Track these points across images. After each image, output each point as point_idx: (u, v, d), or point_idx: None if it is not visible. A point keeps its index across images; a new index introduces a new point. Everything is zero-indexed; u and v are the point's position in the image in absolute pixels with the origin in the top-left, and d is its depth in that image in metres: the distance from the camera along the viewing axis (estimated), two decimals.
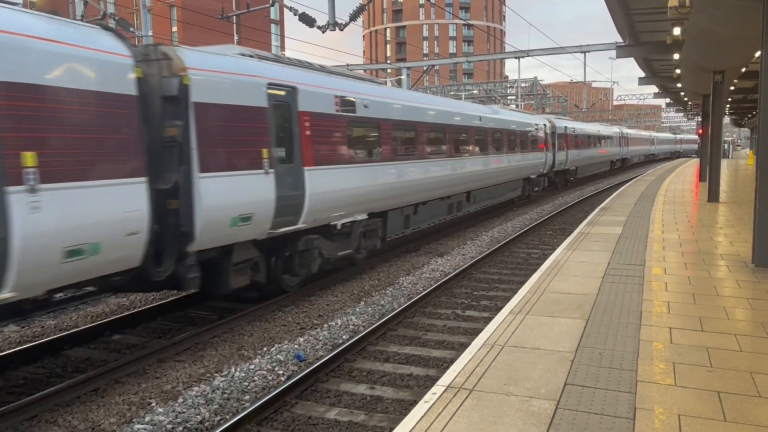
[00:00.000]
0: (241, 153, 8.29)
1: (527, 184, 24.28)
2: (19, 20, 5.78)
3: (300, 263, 10.12)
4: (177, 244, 7.55)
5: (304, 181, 9.54)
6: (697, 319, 6.21)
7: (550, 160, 26.79)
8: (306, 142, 9.63)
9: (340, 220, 10.83)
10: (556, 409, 4.20)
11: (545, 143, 25.57)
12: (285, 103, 9.28)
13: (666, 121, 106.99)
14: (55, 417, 5.96)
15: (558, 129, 28.17)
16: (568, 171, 31.78)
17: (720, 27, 11.50)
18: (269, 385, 6.68)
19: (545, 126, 25.80)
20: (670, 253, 9.76)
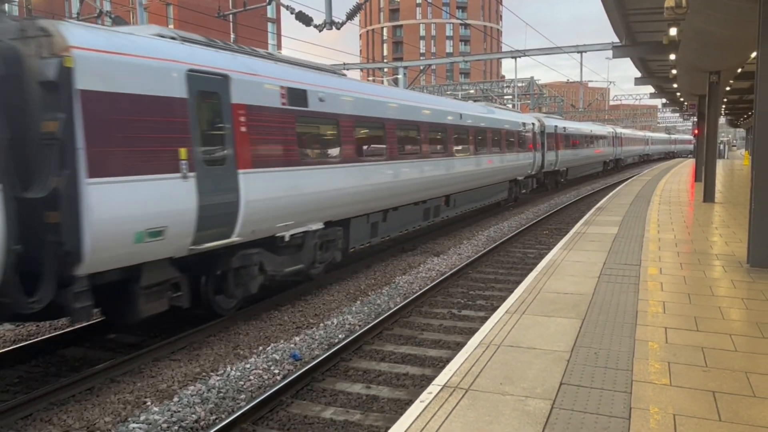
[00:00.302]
0: (149, 153, 6.84)
1: (514, 186, 23.05)
2: None
3: (235, 283, 8.74)
4: (58, 267, 6.18)
5: (238, 186, 8.12)
6: (692, 319, 6.23)
7: (539, 161, 25.68)
8: (242, 140, 8.23)
9: (289, 231, 9.44)
10: (552, 408, 4.21)
11: (533, 143, 24.36)
12: (213, 93, 7.91)
13: (662, 121, 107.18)
14: (50, 416, 5.94)
15: (548, 128, 27.19)
16: (558, 172, 30.67)
17: (716, 27, 11.53)
18: (265, 384, 6.67)
19: (534, 125, 24.67)
20: (666, 253, 9.78)
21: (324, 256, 10.77)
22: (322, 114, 10.24)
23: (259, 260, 9.01)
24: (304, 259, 10.08)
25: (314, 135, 10.08)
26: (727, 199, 18.23)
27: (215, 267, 8.36)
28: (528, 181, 25.05)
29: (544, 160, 26.62)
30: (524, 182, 24.44)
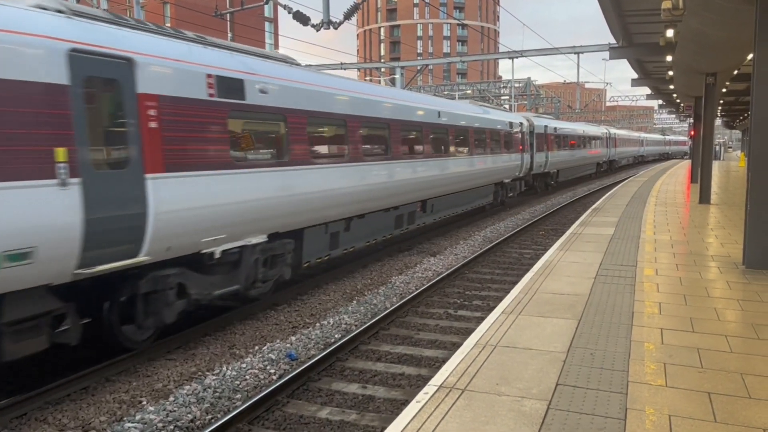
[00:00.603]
0: (7, 154, 5.43)
1: (500, 190, 21.71)
2: None
3: (145, 311, 7.32)
4: None
5: (146, 194, 6.76)
6: (688, 320, 6.24)
7: (528, 163, 24.48)
8: (151, 138, 6.83)
9: (220, 246, 7.96)
10: (548, 409, 4.21)
11: (522, 144, 23.23)
12: (111, 80, 6.51)
13: (658, 122, 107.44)
14: (45, 415, 5.92)
15: (537, 128, 25.96)
16: (549, 174, 29.30)
17: (713, 29, 11.56)
18: (261, 384, 6.67)
19: (522, 125, 23.45)
20: (662, 254, 9.81)
21: (269, 273, 9.28)
22: (265, 108, 8.81)
23: (179, 282, 7.62)
24: (241, 279, 8.61)
25: (254, 133, 8.73)
26: (723, 201, 18.29)
27: (119, 292, 7.05)
28: (515, 184, 23.88)
29: (533, 162, 25.45)
30: (511, 185, 23.19)
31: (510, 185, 23.09)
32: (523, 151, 23.53)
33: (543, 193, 30.12)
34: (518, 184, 24.34)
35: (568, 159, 32.22)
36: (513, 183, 23.47)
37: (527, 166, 24.40)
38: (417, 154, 13.94)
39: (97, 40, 6.45)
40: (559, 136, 30.03)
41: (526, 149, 24.17)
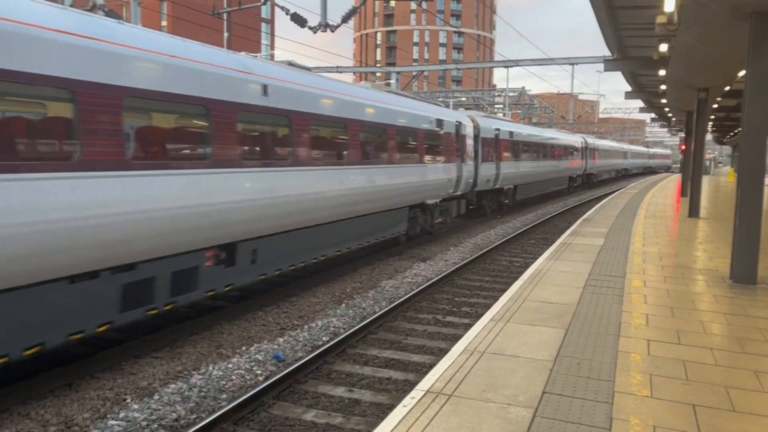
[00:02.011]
0: None
1: (420, 215, 15.72)
2: None
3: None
4: None
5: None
6: (674, 332, 6.28)
7: (469, 176, 18.62)
8: None
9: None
10: (534, 417, 4.22)
11: (459, 151, 17.57)
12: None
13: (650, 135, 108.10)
14: (28, 410, 5.86)
15: (484, 131, 20.45)
16: (502, 191, 23.57)
17: (706, 45, 11.68)
18: (247, 384, 6.64)
19: (460, 125, 17.63)
20: (650, 266, 9.86)
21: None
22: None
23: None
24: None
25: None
26: (712, 215, 18.43)
27: None
28: (450, 205, 17.86)
29: (478, 176, 19.80)
30: (443, 207, 17.28)
31: (439, 207, 16.92)
32: (461, 161, 17.66)
33: (533, 201, 29.99)
34: (456, 205, 18.50)
35: (529, 172, 26.33)
36: (445, 204, 17.46)
37: (469, 180, 18.59)
38: (248, 162, 8.39)
39: None
40: (517, 144, 24.34)
41: (467, 158, 18.25)
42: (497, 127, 22.19)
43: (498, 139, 21.99)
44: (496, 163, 21.83)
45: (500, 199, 23.62)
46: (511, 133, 23.76)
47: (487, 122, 21.30)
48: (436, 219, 16.91)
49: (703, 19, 9.82)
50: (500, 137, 22.28)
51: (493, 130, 21.66)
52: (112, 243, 6.40)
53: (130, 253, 6.75)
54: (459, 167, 17.50)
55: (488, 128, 21.15)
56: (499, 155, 22.12)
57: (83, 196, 6.03)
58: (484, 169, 20.44)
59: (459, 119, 17.79)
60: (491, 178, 21.35)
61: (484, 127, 20.62)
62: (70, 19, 6.22)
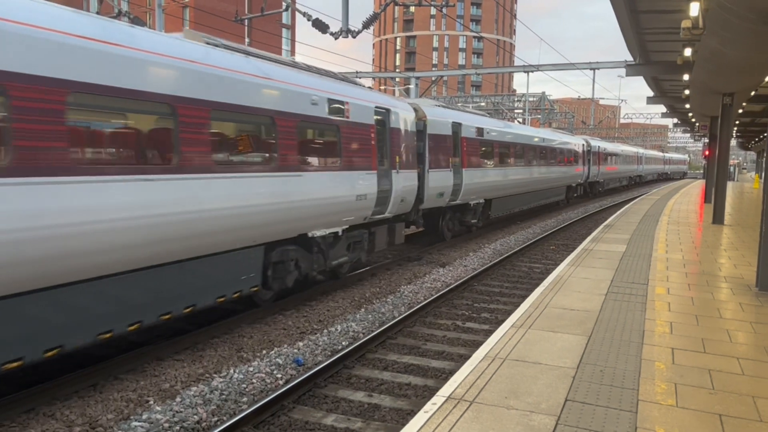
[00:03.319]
0: None
1: (302, 253, 9.96)
2: None
3: None
4: None
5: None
6: (699, 340, 6.19)
7: (408, 189, 12.89)
8: None
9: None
10: (557, 424, 4.18)
11: (385, 153, 12.01)
12: None
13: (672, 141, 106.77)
14: (53, 411, 5.95)
15: (435, 126, 14.86)
16: (468, 207, 17.74)
17: (731, 49, 11.52)
18: (267, 388, 6.67)
19: (387, 115, 12.13)
20: (674, 273, 9.73)
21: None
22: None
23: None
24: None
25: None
26: (737, 222, 18.14)
27: None
28: (365, 235, 11.91)
29: (426, 188, 14.38)
30: (354, 238, 11.42)
31: (348, 239, 11.22)
32: (389, 167, 12.11)
33: (552, 208, 29.50)
34: (385, 233, 12.85)
35: (508, 182, 20.56)
36: (360, 233, 11.64)
37: (404, 195, 12.73)
38: None
39: None
40: (490, 145, 18.72)
41: (400, 164, 12.54)
42: (457, 120, 16.19)
43: (459, 138, 16.36)
44: (456, 170, 16.05)
45: (466, 220, 17.82)
46: (479, 130, 17.73)
47: (439, 113, 15.27)
48: (336, 259, 10.76)
49: (729, 23, 9.69)
50: (463, 135, 16.51)
51: (451, 125, 15.70)
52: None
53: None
54: (384, 176, 11.78)
55: (441, 122, 15.14)
56: (462, 160, 16.43)
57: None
58: (436, 179, 14.79)
59: (385, 105, 12.01)
60: (447, 190, 15.53)
61: (434, 120, 14.82)
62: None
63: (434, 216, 16.49)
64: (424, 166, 14.45)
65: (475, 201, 17.89)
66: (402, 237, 13.61)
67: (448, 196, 15.84)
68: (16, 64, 5.30)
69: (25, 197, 5.33)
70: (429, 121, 14.66)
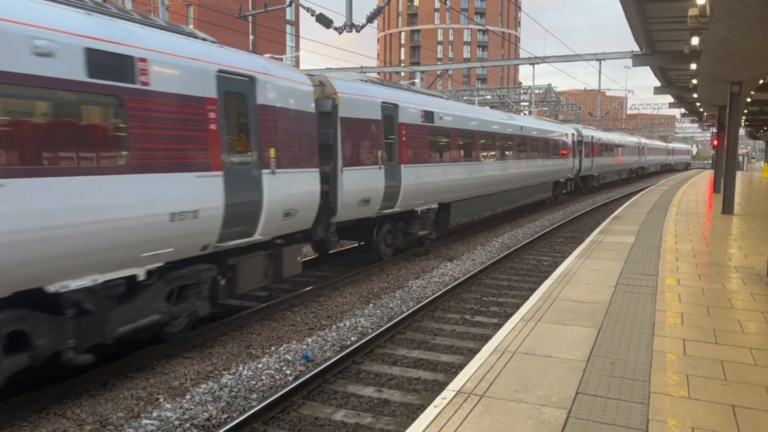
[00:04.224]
0: None
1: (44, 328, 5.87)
2: None
3: None
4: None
5: None
6: (711, 331, 6.14)
7: (299, 198, 9.09)
8: None
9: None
10: (568, 417, 4.15)
11: (250, 142, 8.10)
12: None
13: (680, 131, 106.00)
14: (64, 409, 5.97)
15: (349, 106, 11.07)
16: (415, 216, 13.74)
17: (739, 37, 11.40)
18: (277, 384, 6.67)
19: (248, 85, 8.09)
20: (684, 264, 9.66)
21: None
22: None
23: None
24: None
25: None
26: (746, 212, 18.00)
27: None
28: (242, 265, 8.49)
29: (339, 194, 10.84)
30: (191, 278, 7.52)
31: (157, 288, 7.05)
32: (257, 166, 8.21)
33: (561, 200, 29.27)
34: (245, 268, 8.57)
35: (474, 180, 16.56)
36: (193, 271, 7.56)
37: (294, 208, 8.98)
38: None
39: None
40: (443, 133, 14.64)
41: (278, 161, 8.59)
42: (390, 101, 12.26)
43: (395, 124, 12.48)
44: (390, 168, 12.26)
45: (411, 230, 13.80)
46: (428, 115, 13.81)
47: (360, 90, 11.45)
48: (133, 321, 6.72)
49: (736, 11, 9.58)
50: (401, 120, 12.62)
51: (380, 107, 11.83)
52: None
53: None
54: (244, 180, 7.90)
55: (363, 102, 11.33)
56: (401, 153, 12.62)
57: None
58: (356, 180, 11.05)
59: (242, 68, 7.96)
60: (376, 194, 11.73)
61: (351, 99, 11.00)
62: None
63: (366, 228, 12.52)
64: (335, 163, 10.63)
65: (423, 207, 13.86)
66: (296, 266, 9.58)
67: (379, 202, 11.90)
68: None
69: None
70: (342, 100, 10.69)
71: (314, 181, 9.57)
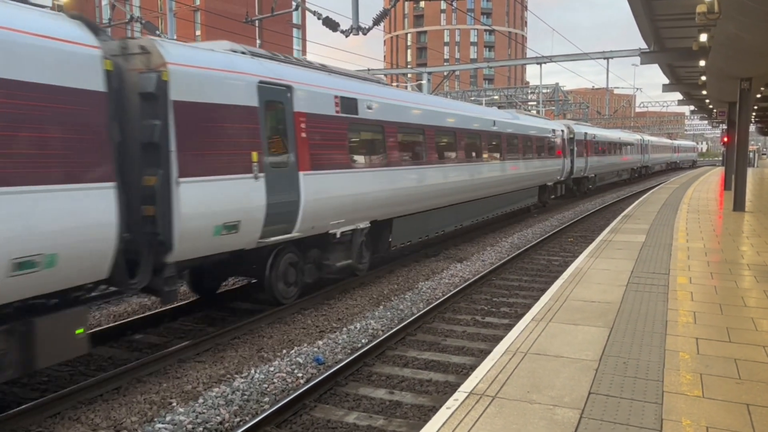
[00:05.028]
0: None
1: None
2: None
3: None
4: None
5: None
6: (724, 329, 6.09)
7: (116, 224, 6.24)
8: None
9: None
10: (581, 418, 4.14)
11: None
12: None
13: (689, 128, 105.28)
14: (78, 414, 6.01)
15: (195, 80, 7.47)
16: (326, 242, 10.35)
17: (748, 33, 11.32)
18: (288, 387, 6.68)
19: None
20: (695, 262, 9.60)
21: None
22: None
23: None
24: None
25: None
26: (758, 208, 17.86)
27: None
28: None
29: (175, 221, 7.19)
30: None
31: None
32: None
33: (567, 200, 29.03)
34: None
35: (424, 189, 13.12)
36: None
37: (58, 252, 5.75)
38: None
39: None
40: (375, 128, 11.44)
41: (35, 176, 5.55)
42: (278, 81, 8.91)
43: (288, 115, 9.08)
44: (274, 175, 8.72)
45: (327, 260, 10.46)
46: (347, 103, 10.45)
47: (218, 62, 8.05)
48: None
49: (745, 7, 9.52)
50: (298, 109, 9.21)
51: (256, 89, 8.48)
52: None
53: None
54: None
55: (220, 79, 7.94)
56: (299, 156, 9.19)
57: None
58: (208, 198, 7.66)
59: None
60: (251, 217, 8.31)
61: (196, 75, 7.61)
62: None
63: (257, 260, 9.12)
64: (165, 172, 7.16)
65: (345, 228, 10.54)
66: (71, 343, 6.18)
67: (258, 227, 8.40)
68: None
69: None
70: (175, 75, 7.29)
71: (100, 204, 6.16)
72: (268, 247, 9.06)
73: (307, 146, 9.48)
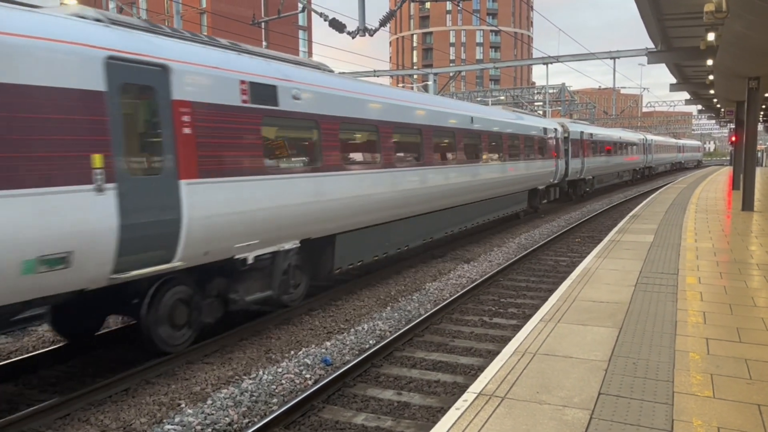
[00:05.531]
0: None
1: None
2: None
3: None
4: None
5: None
6: (734, 329, 6.06)
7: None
8: None
9: None
10: (591, 418, 4.12)
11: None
12: None
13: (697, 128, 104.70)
14: (88, 416, 6.03)
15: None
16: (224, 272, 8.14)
17: (756, 32, 11.27)
18: (297, 388, 6.69)
19: None
20: (704, 262, 9.55)
21: None
22: None
23: None
24: None
25: None
26: (767, 208, 17.75)
27: None
28: None
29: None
30: None
31: None
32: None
33: (575, 201, 28.91)
34: None
35: (378, 197, 11.05)
36: None
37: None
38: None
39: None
40: (281, 122, 8.66)
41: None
42: (134, 54, 6.53)
43: (166, 103, 6.83)
44: (135, 184, 6.46)
45: (235, 293, 8.34)
46: (255, 90, 8.18)
47: (21, 25, 5.54)
48: None
49: (753, 5, 9.47)
50: (178, 96, 6.95)
51: (97, 61, 6.09)
52: None
53: None
54: None
55: (20, 46, 5.41)
56: (180, 158, 6.94)
57: None
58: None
59: None
60: (86, 246, 5.92)
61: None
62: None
63: (134, 296, 7.16)
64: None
65: (259, 251, 8.40)
66: None
67: (108, 258, 6.23)
68: None
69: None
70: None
71: None
72: (136, 283, 6.83)
73: (194, 146, 7.12)
